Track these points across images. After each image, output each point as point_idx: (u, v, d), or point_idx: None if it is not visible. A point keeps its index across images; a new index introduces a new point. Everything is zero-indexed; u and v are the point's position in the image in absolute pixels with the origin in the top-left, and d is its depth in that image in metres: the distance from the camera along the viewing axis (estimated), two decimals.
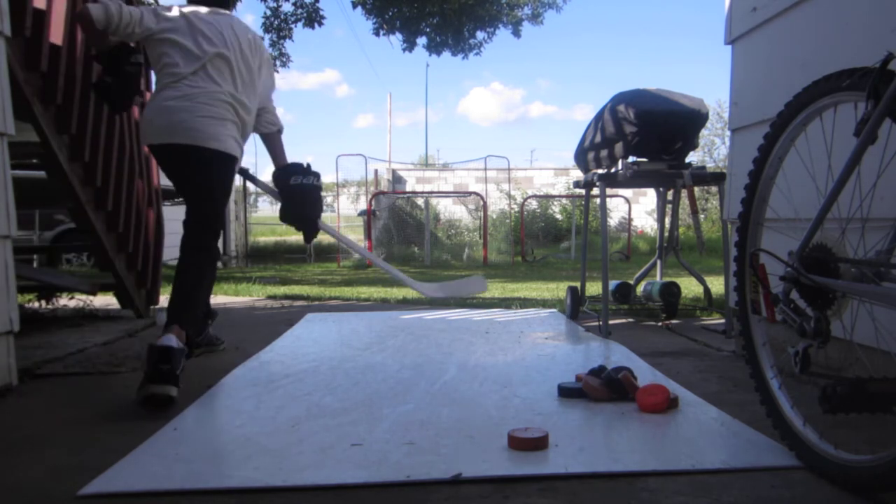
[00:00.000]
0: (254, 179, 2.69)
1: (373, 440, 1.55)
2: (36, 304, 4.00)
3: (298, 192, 2.40)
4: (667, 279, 3.52)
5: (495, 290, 5.52)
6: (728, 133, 2.85)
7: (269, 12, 10.44)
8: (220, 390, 2.06)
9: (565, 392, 1.92)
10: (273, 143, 2.57)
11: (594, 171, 3.26)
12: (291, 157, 2.62)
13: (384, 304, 4.49)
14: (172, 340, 1.93)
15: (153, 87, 2.42)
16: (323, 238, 15.40)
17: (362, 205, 12.59)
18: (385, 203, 11.41)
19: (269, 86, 2.54)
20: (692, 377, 2.20)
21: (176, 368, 1.86)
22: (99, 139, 3.38)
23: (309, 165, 2.45)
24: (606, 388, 1.87)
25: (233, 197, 15.08)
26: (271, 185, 2.56)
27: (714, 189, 3.17)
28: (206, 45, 2.26)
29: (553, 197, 14.33)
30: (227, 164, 2.29)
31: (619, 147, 3.03)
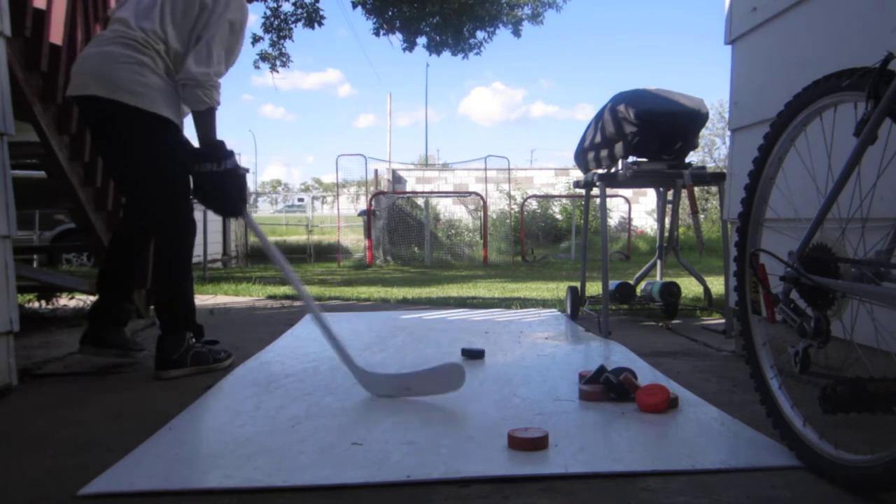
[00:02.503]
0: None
1: (373, 440, 1.55)
2: (36, 304, 4.00)
3: (210, 180, 2.14)
4: (667, 279, 3.52)
5: (495, 290, 5.52)
6: (728, 133, 2.85)
7: (269, 12, 10.44)
8: (220, 390, 2.06)
9: (467, 353, 2.45)
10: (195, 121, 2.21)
11: (594, 171, 3.26)
12: (292, 156, 2.54)
13: (384, 304, 4.49)
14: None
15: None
16: (323, 238, 15.41)
17: (362, 205, 12.58)
18: (385, 203, 11.41)
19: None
20: (692, 377, 2.20)
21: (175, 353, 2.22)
22: None
23: (222, 146, 2.16)
24: (606, 392, 1.87)
25: None
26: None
27: (714, 189, 3.17)
28: None
29: (553, 197, 14.33)
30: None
31: (619, 147, 3.03)
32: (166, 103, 2.13)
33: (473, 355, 2.47)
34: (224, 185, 2.14)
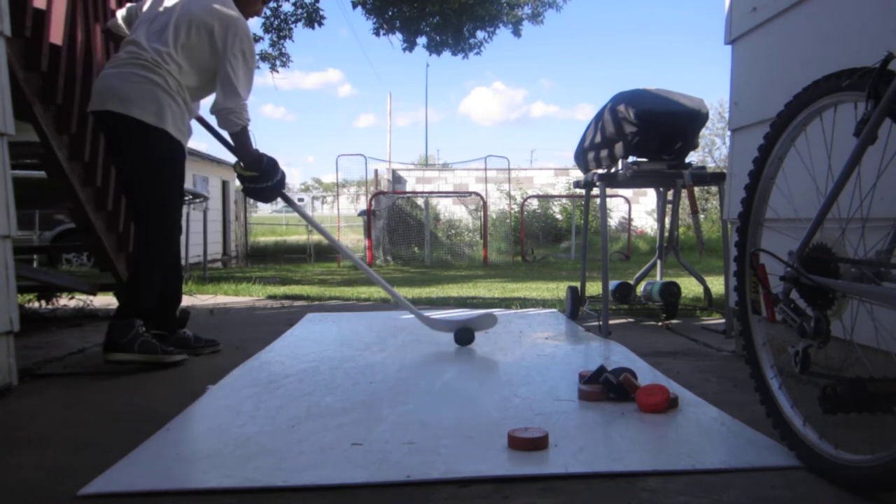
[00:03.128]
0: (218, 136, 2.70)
1: (373, 440, 1.55)
2: (36, 304, 4.00)
3: (253, 192, 2.67)
4: (667, 279, 3.52)
5: (495, 290, 5.52)
6: (728, 133, 2.85)
7: (269, 12, 10.43)
8: (220, 390, 2.06)
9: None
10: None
11: (594, 171, 3.26)
12: (293, 156, 2.75)
13: (384, 304, 4.49)
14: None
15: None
16: (323, 238, 15.39)
17: (362, 205, 12.58)
18: (385, 203, 11.41)
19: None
20: (692, 377, 2.20)
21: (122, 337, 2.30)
22: (99, 139, 3.38)
23: (267, 163, 2.58)
24: (605, 392, 1.87)
25: (232, 197, 15.09)
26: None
27: (714, 189, 3.17)
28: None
29: (553, 197, 14.34)
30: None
31: (619, 147, 3.03)
32: (174, 122, 2.36)
33: (465, 340, 2.76)
34: (271, 193, 2.67)
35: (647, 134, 2.92)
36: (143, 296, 2.41)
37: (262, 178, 2.56)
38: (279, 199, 2.79)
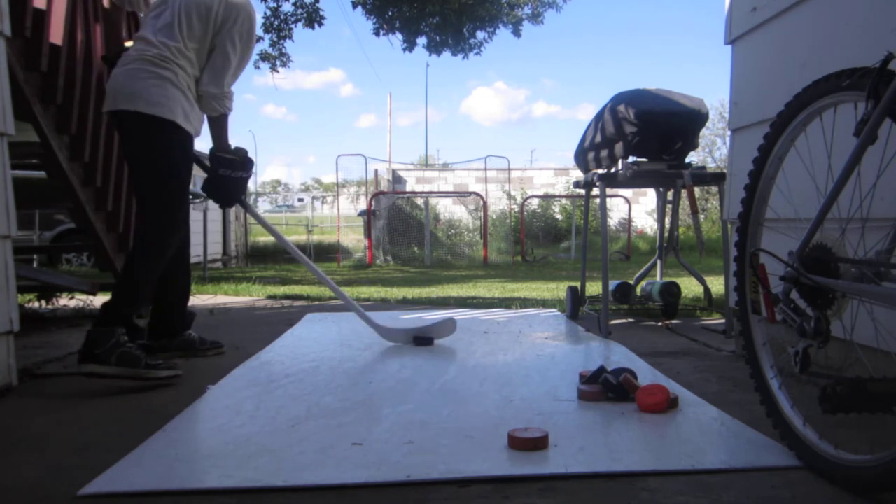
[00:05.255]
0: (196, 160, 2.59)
1: (373, 440, 1.55)
2: (36, 304, 4.00)
3: (222, 181, 2.49)
4: (667, 279, 3.52)
5: (495, 290, 5.52)
6: (728, 133, 2.85)
7: (269, 12, 10.43)
8: (220, 390, 2.06)
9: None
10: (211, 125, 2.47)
11: (594, 171, 3.26)
12: (293, 155, 2.71)
13: (384, 304, 4.49)
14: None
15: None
16: (323, 238, 15.40)
17: (362, 205, 12.58)
18: (385, 203, 11.41)
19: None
20: (692, 377, 2.20)
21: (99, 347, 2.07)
22: (99, 139, 3.38)
23: (244, 154, 2.50)
24: (604, 392, 1.87)
25: None
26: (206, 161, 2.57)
27: (714, 189, 3.17)
28: None
29: (553, 197, 14.33)
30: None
31: (619, 147, 3.03)
32: (185, 115, 2.29)
33: (423, 342, 2.76)
34: (234, 189, 2.52)
35: (647, 134, 2.92)
36: (133, 296, 2.22)
37: (238, 166, 2.46)
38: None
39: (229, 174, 2.45)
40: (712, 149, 16.79)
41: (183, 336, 2.60)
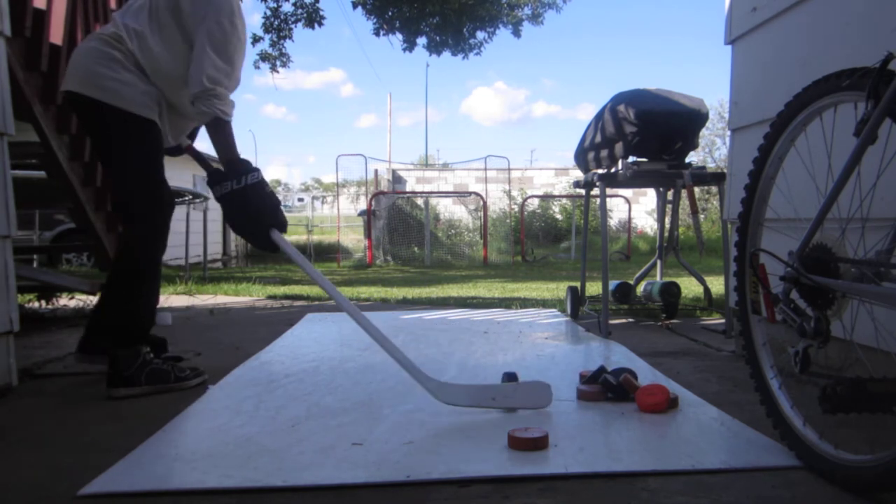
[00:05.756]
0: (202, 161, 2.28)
1: (373, 440, 1.55)
2: (36, 304, 4.00)
3: (228, 202, 1.95)
4: (667, 279, 3.52)
5: (495, 290, 5.52)
6: (728, 133, 2.85)
7: (269, 12, 10.44)
8: (220, 390, 2.06)
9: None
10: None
11: (594, 171, 3.26)
12: (293, 155, 2.42)
13: (384, 304, 4.49)
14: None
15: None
16: (323, 238, 15.40)
17: (362, 205, 12.58)
18: (385, 203, 11.41)
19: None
20: (692, 377, 2.20)
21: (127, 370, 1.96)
22: None
23: (243, 161, 1.99)
24: (604, 392, 1.87)
25: None
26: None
27: (714, 189, 3.17)
28: None
29: (553, 197, 14.33)
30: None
31: (619, 147, 3.03)
32: (138, 100, 2.02)
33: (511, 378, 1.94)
34: (246, 204, 1.92)
35: (647, 134, 2.92)
36: (137, 316, 2.11)
37: (232, 174, 1.94)
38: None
39: (229, 189, 1.93)
40: (712, 149, 16.80)
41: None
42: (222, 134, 2.00)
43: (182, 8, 2.02)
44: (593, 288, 4.02)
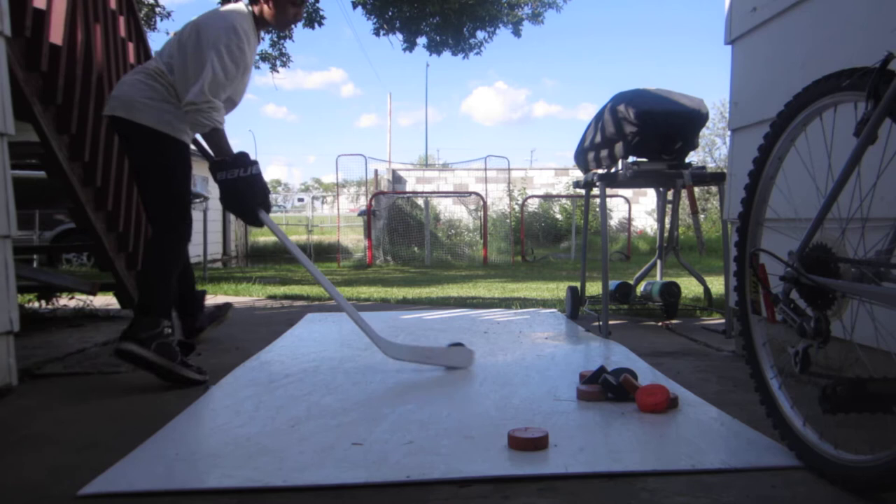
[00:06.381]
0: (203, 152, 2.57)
1: (373, 440, 1.55)
2: (36, 304, 4.00)
3: (225, 187, 2.28)
4: (667, 279, 3.52)
5: (495, 290, 5.52)
6: (728, 133, 2.85)
7: None
8: (220, 390, 2.06)
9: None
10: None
11: (594, 171, 3.26)
12: (294, 155, 2.64)
13: (384, 304, 4.49)
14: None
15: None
16: (323, 238, 15.40)
17: (362, 205, 12.58)
18: (385, 203, 11.41)
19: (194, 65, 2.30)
20: (692, 377, 2.20)
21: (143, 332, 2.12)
22: (99, 139, 3.38)
23: (242, 155, 2.28)
24: (603, 392, 1.87)
25: None
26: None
27: (714, 189, 3.17)
28: None
29: (553, 197, 14.34)
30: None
31: (619, 147, 3.03)
32: (175, 126, 2.36)
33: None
34: (251, 186, 2.27)
35: (647, 134, 2.92)
36: (154, 292, 2.27)
37: (230, 164, 2.24)
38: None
39: (226, 176, 2.25)
40: (712, 149, 16.79)
41: (203, 313, 2.87)
42: (219, 139, 2.25)
43: (200, 34, 2.31)
44: (593, 288, 4.02)
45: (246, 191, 2.26)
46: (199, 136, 2.48)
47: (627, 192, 11.73)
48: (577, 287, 3.60)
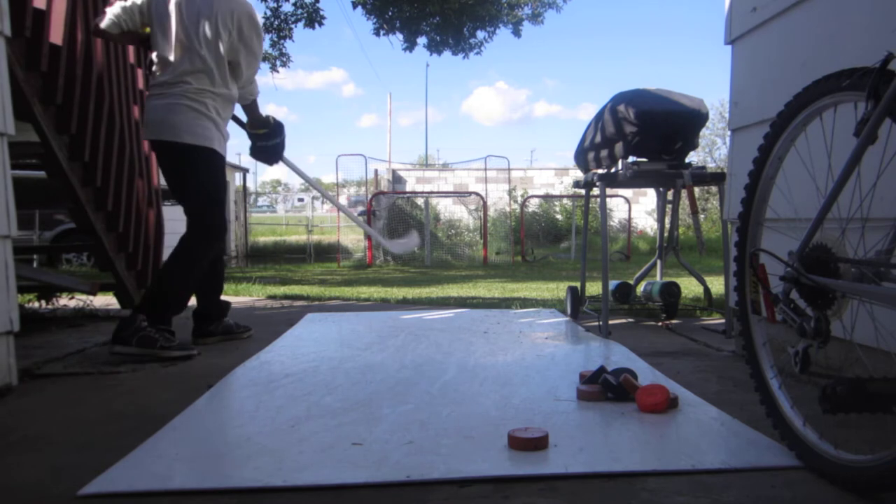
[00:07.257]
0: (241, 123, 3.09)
1: (373, 440, 1.55)
2: (36, 304, 4.00)
3: (263, 150, 3.03)
4: (667, 279, 3.52)
5: (495, 290, 5.52)
6: (728, 133, 2.85)
7: (269, 12, 10.44)
8: (220, 390, 2.06)
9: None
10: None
11: (594, 171, 3.26)
12: (294, 156, 2.86)
13: (384, 304, 4.49)
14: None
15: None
16: (323, 238, 15.38)
17: (362, 204, 12.58)
18: (385, 203, 11.42)
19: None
20: (692, 377, 2.20)
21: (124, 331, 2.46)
22: (99, 139, 3.38)
23: (275, 123, 3.01)
24: (603, 392, 1.87)
25: (232, 197, 15.11)
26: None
27: (714, 189, 3.17)
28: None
29: (553, 197, 14.34)
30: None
31: (619, 147, 3.03)
32: (216, 139, 2.70)
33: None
34: (277, 153, 3.07)
35: (647, 134, 2.92)
36: (164, 292, 2.59)
37: (270, 136, 2.98)
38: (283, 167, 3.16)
39: (265, 144, 3.00)
40: (712, 149, 16.80)
41: (222, 323, 2.97)
42: (256, 105, 2.94)
43: (243, 33, 2.68)
44: (593, 288, 4.02)
45: (280, 150, 3.06)
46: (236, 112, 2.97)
47: (627, 192, 11.73)
48: (577, 287, 3.60)
